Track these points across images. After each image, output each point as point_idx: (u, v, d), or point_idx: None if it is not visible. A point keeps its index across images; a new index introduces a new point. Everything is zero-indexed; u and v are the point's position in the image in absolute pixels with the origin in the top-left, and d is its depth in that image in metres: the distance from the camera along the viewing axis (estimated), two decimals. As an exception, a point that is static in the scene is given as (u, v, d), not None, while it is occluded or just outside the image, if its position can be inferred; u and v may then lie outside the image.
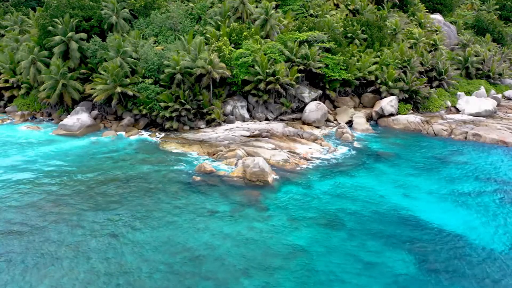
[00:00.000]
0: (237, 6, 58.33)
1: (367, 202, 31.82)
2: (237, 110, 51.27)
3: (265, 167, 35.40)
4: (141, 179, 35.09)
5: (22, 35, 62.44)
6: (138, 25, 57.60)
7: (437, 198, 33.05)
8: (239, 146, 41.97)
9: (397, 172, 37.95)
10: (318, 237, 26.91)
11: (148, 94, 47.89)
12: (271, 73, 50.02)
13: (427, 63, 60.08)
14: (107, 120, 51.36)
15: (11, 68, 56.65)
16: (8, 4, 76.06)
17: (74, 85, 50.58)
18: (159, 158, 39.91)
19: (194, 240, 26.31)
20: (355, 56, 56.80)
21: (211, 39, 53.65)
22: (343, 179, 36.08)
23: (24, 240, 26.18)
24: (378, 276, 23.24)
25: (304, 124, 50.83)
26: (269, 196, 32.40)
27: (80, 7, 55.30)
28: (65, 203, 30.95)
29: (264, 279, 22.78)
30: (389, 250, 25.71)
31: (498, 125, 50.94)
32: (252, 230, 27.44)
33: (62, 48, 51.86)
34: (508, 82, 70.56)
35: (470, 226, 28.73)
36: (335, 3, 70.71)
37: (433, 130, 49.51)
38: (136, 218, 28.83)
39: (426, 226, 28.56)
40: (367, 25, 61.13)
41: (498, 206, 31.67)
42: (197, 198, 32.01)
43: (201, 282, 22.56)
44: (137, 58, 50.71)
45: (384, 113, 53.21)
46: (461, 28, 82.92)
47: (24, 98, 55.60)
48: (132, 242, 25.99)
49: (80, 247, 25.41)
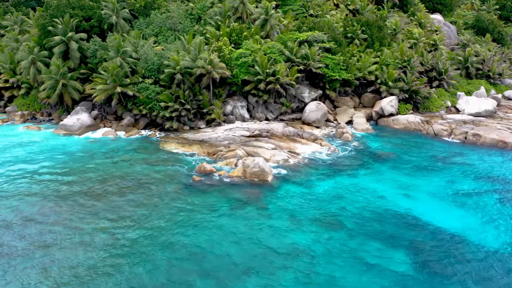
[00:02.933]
0: (237, 6, 58.36)
1: (367, 202, 31.82)
2: (237, 110, 51.27)
3: (265, 167, 35.43)
4: (141, 179, 35.13)
5: (22, 35, 62.51)
6: (138, 25, 57.64)
7: (437, 198, 33.03)
8: (239, 146, 41.97)
9: (397, 172, 37.95)
10: (318, 236, 26.92)
11: (148, 94, 47.90)
12: (271, 73, 50.03)
13: (427, 63, 60.10)
14: (107, 120, 51.37)
15: (11, 68, 56.71)
16: (8, 4, 76.12)
17: (74, 85, 50.61)
18: (159, 158, 39.93)
19: (195, 238, 26.34)
20: (355, 56, 56.83)
21: (211, 39, 53.68)
22: (343, 179, 36.08)
23: (22, 241, 26.18)
24: (378, 275, 23.24)
25: (304, 124, 50.84)
26: (269, 195, 32.43)
27: (80, 7, 55.36)
28: (65, 202, 30.97)
29: (264, 278, 22.79)
30: (389, 249, 25.71)
31: (498, 125, 50.91)
32: (252, 229, 27.47)
33: (62, 48, 51.92)
34: (508, 82, 70.58)
35: (470, 226, 28.73)
36: (335, 3, 70.75)
37: (433, 130, 49.51)
38: (136, 218, 28.85)
39: (426, 226, 28.55)
40: (367, 25, 61.17)
41: (498, 206, 31.65)
42: (197, 197, 32.02)
43: (201, 280, 22.58)
44: (137, 58, 50.74)
45: (384, 113, 53.21)
46: (461, 28, 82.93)
47: (24, 98, 55.66)
48: (132, 241, 26.01)
49: (80, 246, 25.42)
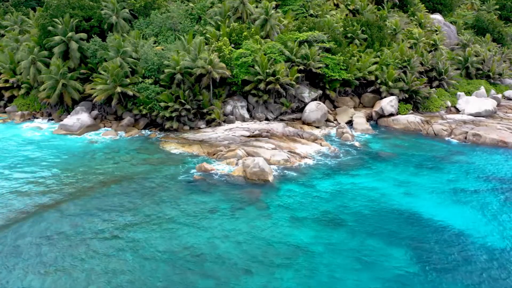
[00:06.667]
0: (237, 6, 58.32)
1: (368, 201, 31.84)
2: (237, 110, 51.25)
3: (265, 167, 35.42)
4: (141, 179, 35.11)
5: (22, 35, 62.39)
6: (138, 25, 57.60)
7: (437, 197, 33.07)
8: (239, 146, 41.96)
9: (397, 171, 37.96)
10: (319, 235, 26.94)
11: (148, 94, 47.88)
12: (271, 73, 49.99)
13: (427, 63, 60.07)
14: (107, 120, 51.34)
15: (11, 68, 56.61)
16: (8, 4, 76.01)
17: (74, 85, 50.58)
18: (159, 158, 39.92)
19: (195, 238, 26.35)
20: (355, 56, 56.78)
21: (211, 39, 53.66)
22: (343, 179, 36.09)
23: (22, 241, 26.17)
24: (379, 274, 23.26)
25: (304, 124, 50.81)
26: (269, 195, 32.44)
27: (80, 7, 55.32)
28: (65, 202, 30.95)
29: (265, 278, 22.80)
30: (390, 248, 25.73)
31: (498, 125, 50.91)
32: (253, 229, 27.48)
33: (62, 48, 51.88)
34: (508, 82, 70.58)
35: (470, 224, 28.78)
36: (335, 3, 70.70)
37: (433, 130, 49.50)
38: (137, 217, 28.84)
39: (426, 225, 28.60)
40: (367, 25, 61.14)
41: (498, 205, 31.71)
42: (198, 197, 32.02)
43: (202, 280, 22.59)
44: (137, 58, 50.71)
45: (384, 113, 53.20)
46: (461, 28, 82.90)
47: (24, 98, 55.54)
48: (133, 241, 26.00)
49: (81, 246, 25.40)
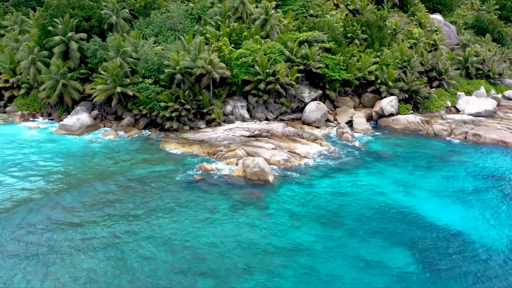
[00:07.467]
0: (237, 6, 58.33)
1: (368, 201, 31.83)
2: (237, 110, 51.25)
3: (265, 167, 35.41)
4: (141, 179, 35.10)
5: (22, 35, 62.41)
6: (138, 25, 57.61)
7: (437, 196, 33.06)
8: (239, 146, 41.96)
9: (397, 171, 37.96)
10: (319, 235, 26.93)
11: (148, 94, 47.88)
12: (271, 73, 49.99)
13: (427, 63, 60.08)
14: (107, 120, 51.35)
15: (11, 68, 56.63)
16: (8, 4, 76.03)
17: (74, 85, 50.59)
18: (159, 158, 39.92)
19: (195, 238, 26.33)
20: (355, 56, 56.79)
21: (211, 39, 53.66)
22: (344, 178, 36.08)
23: (23, 241, 26.17)
24: (379, 274, 23.24)
25: (304, 124, 50.81)
26: (269, 195, 32.43)
27: (80, 7, 55.33)
28: (65, 202, 30.94)
29: (265, 277, 22.79)
30: (390, 248, 25.73)
31: (498, 125, 50.92)
32: (253, 228, 27.48)
33: (62, 48, 51.89)
34: (508, 82, 70.59)
35: (470, 224, 28.77)
36: (335, 3, 70.71)
37: (433, 130, 49.51)
38: (137, 217, 28.83)
39: (426, 224, 28.57)
40: (367, 25, 61.14)
41: (498, 205, 31.70)
42: (198, 197, 32.00)
43: (202, 280, 22.58)
44: (137, 58, 50.71)
45: (384, 113, 53.20)
46: (461, 28, 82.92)
47: (24, 98, 55.58)
48: (133, 241, 25.98)
49: (81, 246, 25.39)
